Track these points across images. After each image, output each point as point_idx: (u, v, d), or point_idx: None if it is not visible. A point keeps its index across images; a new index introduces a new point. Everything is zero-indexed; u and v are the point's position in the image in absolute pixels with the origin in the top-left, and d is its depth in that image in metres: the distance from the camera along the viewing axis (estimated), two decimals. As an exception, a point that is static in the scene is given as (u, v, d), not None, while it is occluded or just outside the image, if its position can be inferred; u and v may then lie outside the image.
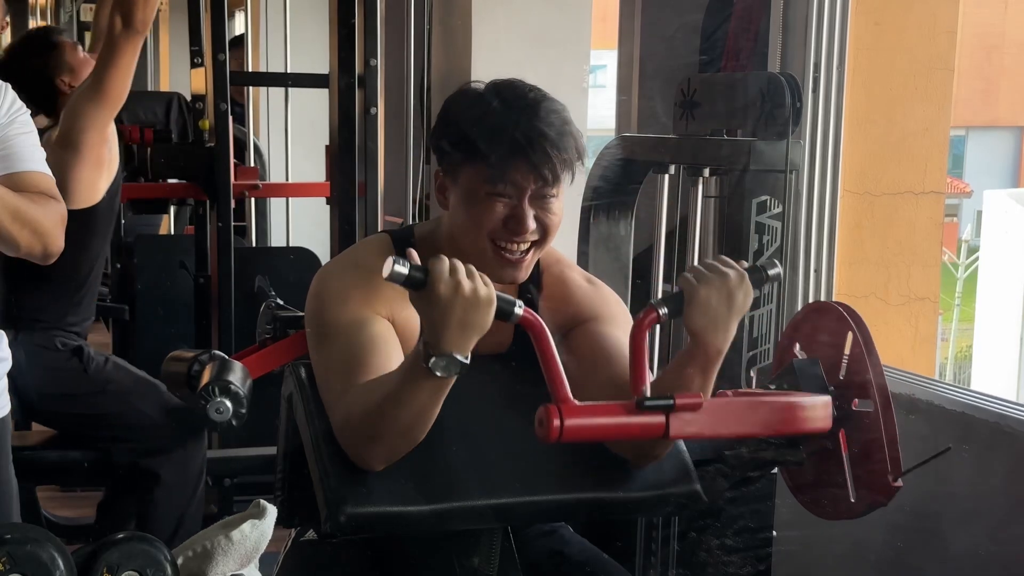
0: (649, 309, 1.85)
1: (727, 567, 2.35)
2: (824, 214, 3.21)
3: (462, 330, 1.71)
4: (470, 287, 1.71)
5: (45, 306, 3.24)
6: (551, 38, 3.67)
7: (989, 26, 17.58)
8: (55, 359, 3.25)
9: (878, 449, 1.92)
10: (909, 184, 3.33)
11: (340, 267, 2.05)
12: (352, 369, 1.87)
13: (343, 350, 1.90)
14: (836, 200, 3.22)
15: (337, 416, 1.87)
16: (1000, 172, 18.87)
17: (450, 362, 1.72)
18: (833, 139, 3.19)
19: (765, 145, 2.60)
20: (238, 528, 1.60)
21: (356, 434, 1.84)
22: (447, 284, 1.70)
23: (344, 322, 1.92)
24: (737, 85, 2.77)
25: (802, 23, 3.15)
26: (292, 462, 2.08)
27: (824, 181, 3.20)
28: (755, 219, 2.60)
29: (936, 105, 3.34)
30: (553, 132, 1.91)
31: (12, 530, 1.49)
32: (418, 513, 1.88)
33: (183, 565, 1.58)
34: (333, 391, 1.89)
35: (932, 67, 3.32)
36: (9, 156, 2.19)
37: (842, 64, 3.17)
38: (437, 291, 1.70)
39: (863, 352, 1.93)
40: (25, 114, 2.27)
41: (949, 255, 15.22)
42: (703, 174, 2.75)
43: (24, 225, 2.13)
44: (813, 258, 3.22)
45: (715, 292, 1.85)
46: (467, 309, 1.70)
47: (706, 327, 1.85)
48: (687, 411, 1.72)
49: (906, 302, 3.35)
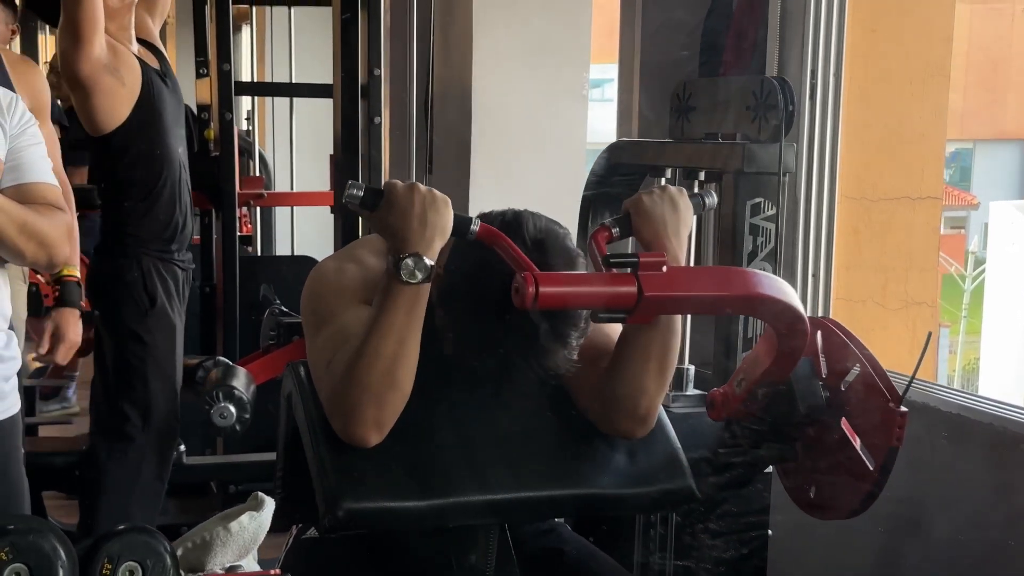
0: (601, 228, 1.94)
1: (723, 565, 2.36)
2: (822, 219, 3.24)
3: (423, 228, 1.78)
4: (425, 188, 1.81)
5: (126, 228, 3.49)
6: (551, 47, 3.71)
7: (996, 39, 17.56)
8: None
9: (875, 391, 1.93)
10: (906, 189, 3.35)
11: (335, 261, 2.08)
12: (339, 348, 1.89)
13: (333, 334, 1.93)
14: (834, 205, 3.25)
15: (324, 386, 1.89)
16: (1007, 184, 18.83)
17: (417, 263, 1.78)
18: (830, 145, 3.22)
19: (759, 148, 2.62)
20: (236, 520, 1.63)
21: (343, 393, 1.85)
22: (404, 187, 1.80)
23: (336, 310, 1.95)
24: (731, 89, 2.80)
25: (799, 30, 3.18)
26: (292, 460, 2.10)
27: (821, 186, 3.23)
28: (749, 221, 2.63)
29: (932, 111, 3.36)
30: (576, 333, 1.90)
31: (15, 521, 1.52)
32: (414, 509, 1.90)
33: (182, 556, 1.61)
34: (321, 368, 1.92)
35: (928, 73, 3.35)
36: (18, 167, 2.24)
37: (839, 70, 3.20)
38: (395, 195, 1.79)
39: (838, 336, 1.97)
40: (34, 126, 2.32)
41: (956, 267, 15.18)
42: (699, 177, 2.77)
43: (30, 237, 2.19)
44: (811, 263, 3.25)
45: (657, 199, 1.96)
46: (425, 206, 1.79)
47: (656, 232, 1.94)
48: (652, 269, 1.74)
49: (904, 307, 3.37)
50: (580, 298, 1.78)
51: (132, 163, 3.45)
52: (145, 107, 3.42)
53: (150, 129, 3.45)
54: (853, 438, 1.96)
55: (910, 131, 3.34)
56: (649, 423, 2.00)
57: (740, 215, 2.62)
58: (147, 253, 3.48)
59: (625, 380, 1.96)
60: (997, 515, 2.59)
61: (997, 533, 2.57)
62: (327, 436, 1.91)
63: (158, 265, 3.49)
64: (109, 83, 3.32)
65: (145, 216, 3.48)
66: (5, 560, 1.45)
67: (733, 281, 1.90)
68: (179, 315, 3.56)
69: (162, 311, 3.47)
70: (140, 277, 3.46)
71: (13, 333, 2.39)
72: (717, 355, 2.89)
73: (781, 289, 1.87)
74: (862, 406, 1.95)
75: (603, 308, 1.76)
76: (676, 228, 1.96)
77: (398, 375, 1.83)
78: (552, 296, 1.71)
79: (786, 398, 2.03)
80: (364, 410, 1.84)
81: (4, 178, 2.19)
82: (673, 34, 3.75)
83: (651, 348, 1.94)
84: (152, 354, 3.48)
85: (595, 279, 1.79)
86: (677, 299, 1.82)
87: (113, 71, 3.32)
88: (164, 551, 1.56)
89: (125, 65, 3.37)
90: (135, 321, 3.46)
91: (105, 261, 3.54)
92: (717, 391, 2.11)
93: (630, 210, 1.97)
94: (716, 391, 2.12)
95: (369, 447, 1.87)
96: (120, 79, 3.35)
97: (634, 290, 1.72)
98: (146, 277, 3.46)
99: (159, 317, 3.48)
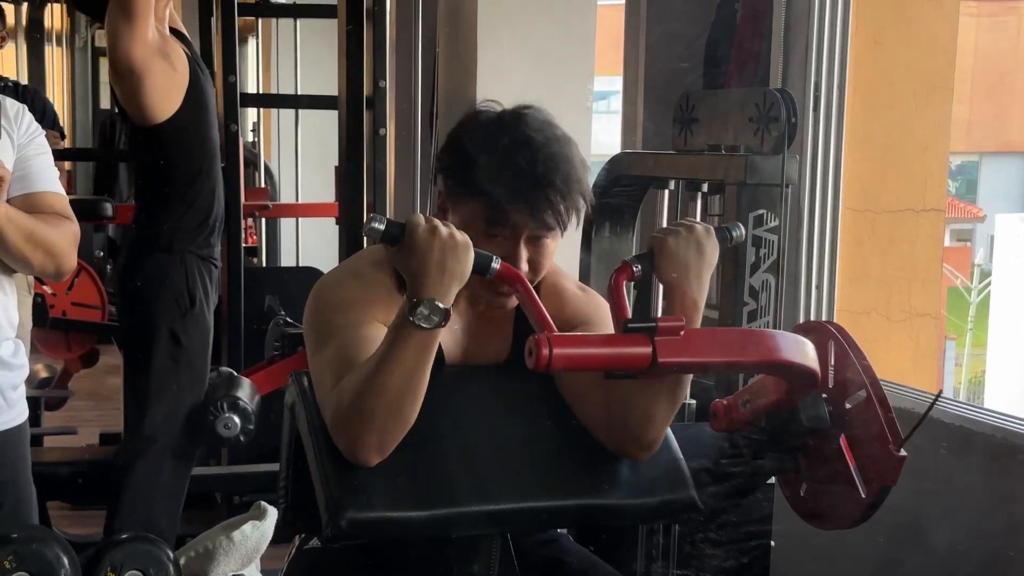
0: (624, 265, 1.91)
1: (725, 574, 2.37)
2: (825, 231, 3.25)
3: (441, 274, 1.76)
4: (447, 231, 1.77)
5: (162, 226, 3.39)
6: (555, 58, 3.71)
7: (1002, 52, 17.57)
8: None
9: (876, 426, 1.93)
10: (909, 202, 3.36)
11: (338, 275, 2.08)
12: (344, 366, 1.89)
13: (337, 350, 1.93)
14: (837, 217, 3.26)
15: (329, 407, 1.89)
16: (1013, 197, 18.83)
17: (432, 309, 1.77)
18: (834, 157, 3.23)
19: (761, 160, 2.63)
20: (239, 529, 1.63)
21: (348, 422, 1.85)
22: (425, 229, 1.76)
23: (339, 326, 1.95)
24: (734, 101, 2.81)
25: (802, 42, 3.19)
26: (295, 470, 2.10)
27: (825, 198, 3.24)
28: (752, 232, 2.63)
29: (936, 124, 3.37)
30: (559, 180, 1.92)
31: (18, 529, 1.53)
32: (417, 519, 1.90)
33: (185, 565, 1.62)
34: (325, 387, 1.92)
35: (932, 86, 3.36)
36: (26, 177, 2.27)
37: (842, 83, 3.21)
38: (415, 237, 1.76)
39: (849, 355, 1.96)
40: (41, 136, 2.34)
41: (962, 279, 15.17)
42: (702, 189, 2.78)
43: (37, 247, 2.22)
44: (815, 274, 3.26)
45: (683, 241, 1.92)
46: (445, 252, 1.76)
47: (679, 276, 1.91)
48: (670, 334, 1.74)
49: (907, 318, 3.38)
50: (594, 360, 1.77)
51: (183, 153, 3.35)
52: (195, 94, 3.33)
53: (200, 117, 3.37)
54: (850, 459, 1.97)
55: (914, 143, 3.35)
56: (654, 449, 2.00)
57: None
58: (190, 250, 3.39)
59: (635, 407, 1.95)
60: (997, 525, 2.59)
61: (997, 543, 2.57)
62: (330, 446, 1.91)
63: (199, 263, 3.41)
64: (162, 67, 3.21)
65: (190, 210, 3.39)
66: (9, 568, 1.46)
67: (750, 346, 1.88)
68: (211, 315, 3.49)
69: (200, 311, 3.40)
70: (183, 275, 3.37)
71: (20, 342, 2.40)
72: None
73: (801, 351, 1.86)
74: (862, 435, 1.95)
75: (617, 369, 1.77)
76: (699, 271, 1.92)
77: (404, 409, 1.84)
78: (566, 358, 1.71)
79: (788, 409, 2.03)
80: (367, 438, 1.85)
81: (12, 187, 2.21)
82: (677, 46, 3.77)
83: (665, 381, 1.94)
84: (187, 356, 3.41)
85: (610, 341, 1.78)
86: (692, 364, 1.83)
87: (165, 55, 3.22)
88: (167, 560, 1.57)
89: (174, 50, 3.28)
90: (174, 320, 3.37)
91: (145, 257, 3.42)
92: (720, 402, 2.12)
93: (654, 248, 1.94)
94: (719, 402, 2.12)
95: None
96: (172, 64, 3.24)
97: (649, 353, 1.72)
98: (188, 275, 3.38)
99: (197, 317, 3.40)
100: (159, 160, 3.36)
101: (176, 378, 3.42)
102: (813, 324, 2.22)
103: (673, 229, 1.95)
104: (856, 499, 1.96)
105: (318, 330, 1.99)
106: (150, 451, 3.43)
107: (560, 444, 2.03)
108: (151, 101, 3.23)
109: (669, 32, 3.82)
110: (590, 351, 1.76)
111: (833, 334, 1.99)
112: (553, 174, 1.91)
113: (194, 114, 3.34)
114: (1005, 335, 11.97)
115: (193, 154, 3.38)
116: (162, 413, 3.43)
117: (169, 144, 3.33)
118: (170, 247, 3.39)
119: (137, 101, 3.22)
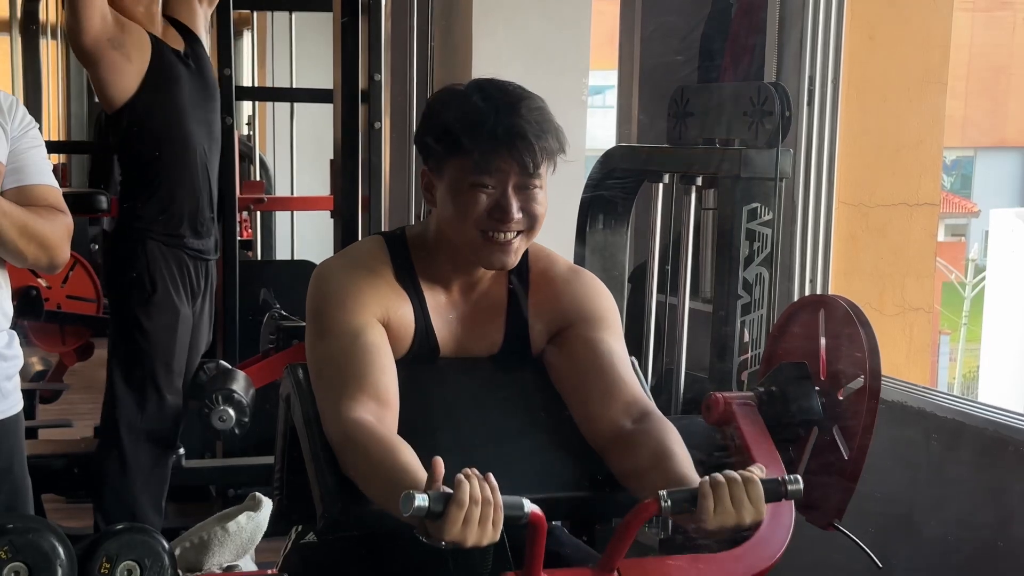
0: (651, 501, 1.75)
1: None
2: (819, 225, 3.26)
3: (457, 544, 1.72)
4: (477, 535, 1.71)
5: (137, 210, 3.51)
6: (550, 52, 3.71)
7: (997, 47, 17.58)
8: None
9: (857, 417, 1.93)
10: (903, 196, 3.37)
11: (338, 268, 2.09)
12: (346, 380, 1.92)
13: (338, 353, 1.95)
14: (831, 211, 3.26)
15: (329, 421, 1.92)
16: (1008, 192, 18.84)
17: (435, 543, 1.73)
18: (828, 151, 3.23)
19: (755, 153, 2.64)
20: (234, 520, 1.64)
21: (342, 455, 1.89)
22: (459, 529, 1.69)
23: (340, 325, 1.97)
24: (728, 95, 2.82)
25: (797, 36, 3.20)
26: (290, 462, 2.11)
27: (819, 192, 3.25)
28: (746, 226, 2.63)
29: (930, 118, 3.38)
30: (534, 123, 1.95)
31: (13, 520, 1.54)
32: (410, 510, 1.91)
33: (180, 556, 1.63)
34: (327, 399, 1.94)
35: (926, 81, 3.36)
36: (20, 169, 2.27)
37: (837, 78, 3.21)
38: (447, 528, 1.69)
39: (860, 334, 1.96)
40: (34, 128, 2.34)
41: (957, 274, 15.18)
42: (696, 183, 2.79)
43: (31, 239, 2.22)
44: (808, 268, 3.27)
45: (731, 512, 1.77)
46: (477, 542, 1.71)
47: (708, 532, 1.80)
48: None
49: (901, 312, 3.38)
50: None
51: (139, 139, 3.47)
52: (154, 85, 3.44)
53: (161, 108, 3.47)
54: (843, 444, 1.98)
55: (908, 138, 3.36)
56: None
57: (736, 220, 2.63)
58: (152, 236, 3.47)
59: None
60: (988, 516, 2.60)
61: (988, 534, 2.58)
62: (324, 439, 1.92)
63: (161, 249, 3.48)
64: (113, 57, 3.36)
65: (153, 198, 3.48)
66: (4, 559, 1.47)
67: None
68: (186, 303, 3.54)
69: (163, 296, 3.46)
70: (144, 260, 3.45)
71: (15, 333, 2.41)
72: (712, 359, 2.90)
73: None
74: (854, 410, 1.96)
75: None
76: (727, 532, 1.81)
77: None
78: None
79: (780, 402, 2.04)
80: (357, 470, 1.88)
81: (5, 180, 2.22)
82: (672, 40, 3.77)
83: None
84: (151, 340, 3.47)
85: None
86: None
87: (118, 46, 3.36)
88: (162, 550, 1.57)
89: (132, 41, 3.41)
90: (135, 306, 3.46)
91: (117, 244, 3.55)
92: (716, 395, 2.12)
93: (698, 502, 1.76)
94: (715, 395, 2.13)
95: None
96: (125, 54, 3.38)
97: None
98: (150, 261, 3.45)
99: (160, 303, 3.46)
100: (121, 146, 3.52)
101: (141, 363, 3.47)
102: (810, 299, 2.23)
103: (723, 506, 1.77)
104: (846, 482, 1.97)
105: (319, 320, 2.00)
106: (123, 438, 3.48)
107: (554, 436, 2.04)
108: (106, 88, 3.42)
109: (664, 26, 3.83)
110: None
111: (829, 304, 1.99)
112: (527, 115, 1.94)
113: (151, 105, 3.46)
114: (999, 330, 11.97)
115: (150, 140, 3.48)
116: (131, 400, 3.48)
117: (127, 130, 3.46)
118: (132, 233, 3.48)
119: (96, 87, 3.47)
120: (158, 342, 3.49)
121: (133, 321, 3.47)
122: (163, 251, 3.48)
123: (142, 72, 3.42)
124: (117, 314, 3.55)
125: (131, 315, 3.47)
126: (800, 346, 2.10)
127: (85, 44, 3.31)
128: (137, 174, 3.50)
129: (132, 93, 3.41)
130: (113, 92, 3.41)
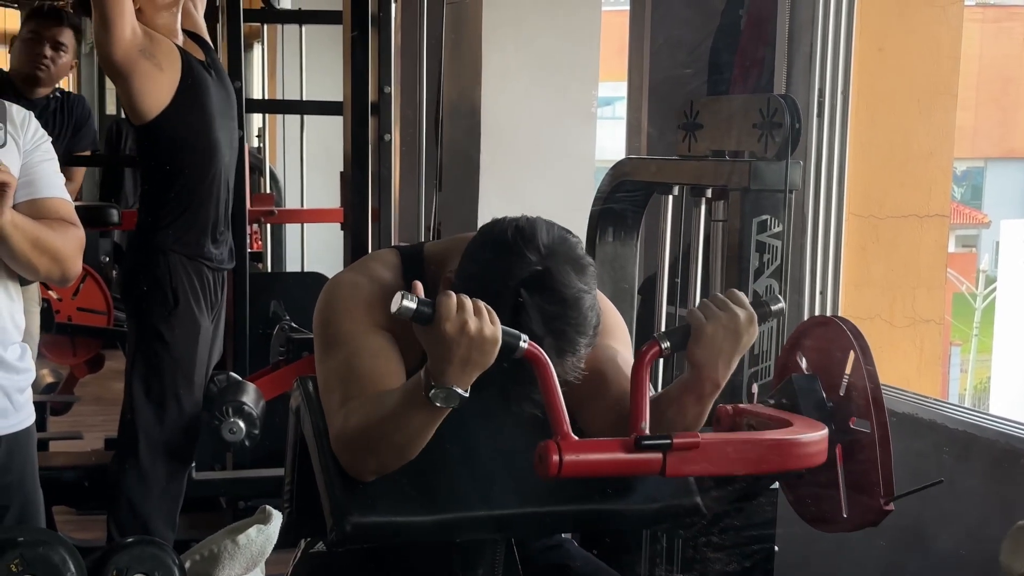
0: (652, 342, 1.85)
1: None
2: (829, 236, 3.26)
3: (464, 366, 1.74)
4: (476, 326, 1.72)
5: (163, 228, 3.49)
6: (559, 64, 3.73)
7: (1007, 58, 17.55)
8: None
9: (872, 470, 1.93)
10: (914, 207, 3.36)
11: (349, 279, 2.08)
12: (352, 382, 1.91)
13: (346, 362, 1.94)
14: (841, 223, 3.26)
15: (334, 425, 1.92)
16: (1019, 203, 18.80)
17: (449, 395, 1.76)
18: (838, 163, 3.23)
19: (765, 165, 2.63)
20: (244, 533, 1.64)
21: (350, 445, 1.88)
22: (453, 322, 1.71)
23: (349, 334, 1.96)
24: (738, 107, 2.81)
25: (806, 48, 3.20)
26: (300, 474, 2.12)
27: (829, 204, 3.25)
28: (756, 238, 2.63)
29: (940, 130, 3.37)
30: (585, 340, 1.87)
31: (24, 533, 1.54)
32: (420, 523, 1.92)
33: (190, 569, 1.63)
34: (332, 402, 1.94)
35: (936, 92, 3.36)
36: (32, 183, 2.28)
37: (846, 89, 3.21)
38: (442, 329, 1.71)
39: (861, 368, 1.96)
40: (47, 142, 2.35)
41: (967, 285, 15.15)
42: (706, 195, 2.78)
43: (43, 252, 2.23)
44: (819, 280, 3.26)
45: (722, 329, 1.86)
46: (471, 348, 1.72)
47: (709, 362, 1.86)
48: (685, 450, 1.72)
49: (911, 324, 3.38)
50: (604, 466, 1.76)
51: (169, 151, 3.44)
52: (187, 94, 3.42)
53: (193, 117, 3.45)
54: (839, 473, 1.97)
55: (918, 149, 3.35)
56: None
57: (746, 232, 2.62)
58: (175, 249, 3.46)
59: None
60: (999, 529, 2.59)
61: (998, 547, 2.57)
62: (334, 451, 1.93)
63: (185, 263, 3.47)
64: (145, 67, 3.32)
65: (177, 208, 3.47)
66: (15, 572, 1.47)
67: (767, 457, 1.84)
68: (206, 315, 3.54)
69: (185, 310, 3.46)
70: (167, 274, 3.44)
71: (27, 346, 2.42)
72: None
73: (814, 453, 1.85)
74: (859, 466, 1.95)
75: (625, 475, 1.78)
76: (730, 357, 1.88)
77: (404, 452, 1.86)
78: (576, 464, 1.70)
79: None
80: (367, 463, 1.89)
81: (18, 193, 2.22)
82: (681, 52, 3.77)
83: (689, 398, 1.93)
84: (172, 355, 3.47)
85: (620, 447, 1.74)
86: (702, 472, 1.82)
87: (149, 56, 3.32)
88: (172, 563, 1.57)
89: (162, 51, 3.38)
90: (158, 319, 3.46)
91: (137, 256, 3.54)
92: (725, 407, 2.12)
93: (690, 326, 1.87)
94: (724, 407, 2.12)
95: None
96: (157, 64, 3.35)
97: (659, 462, 1.71)
98: (172, 274, 3.45)
99: (182, 316, 3.46)
100: (148, 158, 3.47)
101: (161, 377, 3.47)
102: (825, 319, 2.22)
103: (713, 313, 1.87)
104: (868, 500, 1.97)
105: (327, 334, 2.00)
106: (141, 451, 3.47)
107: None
108: (138, 100, 3.36)
109: (673, 38, 3.83)
110: (600, 457, 1.74)
111: (848, 337, 1.99)
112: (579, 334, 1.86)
113: (184, 114, 3.44)
114: (1010, 341, 11.93)
115: (180, 153, 3.46)
116: (151, 412, 3.48)
117: (156, 142, 3.44)
118: (155, 246, 3.47)
119: (126, 100, 3.40)
120: (180, 356, 3.49)
121: (154, 334, 3.47)
122: (184, 263, 3.48)
123: (175, 82, 3.40)
124: (138, 327, 3.53)
125: (152, 328, 3.47)
126: (813, 359, 2.09)
127: (117, 57, 3.26)
128: (163, 185, 3.47)
129: (167, 104, 3.39)
130: (147, 103, 3.37)
